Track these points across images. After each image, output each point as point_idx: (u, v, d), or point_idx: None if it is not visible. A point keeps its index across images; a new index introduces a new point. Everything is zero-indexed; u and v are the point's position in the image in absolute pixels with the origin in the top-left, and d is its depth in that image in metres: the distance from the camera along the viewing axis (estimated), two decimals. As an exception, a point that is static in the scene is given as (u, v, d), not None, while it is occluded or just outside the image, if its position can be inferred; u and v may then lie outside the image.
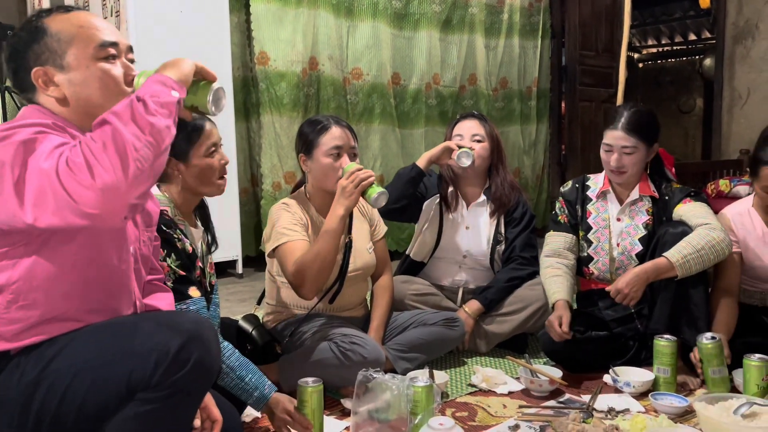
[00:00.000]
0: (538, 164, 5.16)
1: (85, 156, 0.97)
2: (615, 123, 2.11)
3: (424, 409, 1.53)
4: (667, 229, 2.03)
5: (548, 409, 1.81)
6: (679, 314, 1.98)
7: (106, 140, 0.97)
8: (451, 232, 2.43)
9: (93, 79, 1.16)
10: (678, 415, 1.75)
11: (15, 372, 1.08)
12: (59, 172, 0.96)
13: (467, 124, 2.42)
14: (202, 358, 1.08)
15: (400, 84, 4.30)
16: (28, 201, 0.99)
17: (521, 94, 4.97)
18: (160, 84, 1.06)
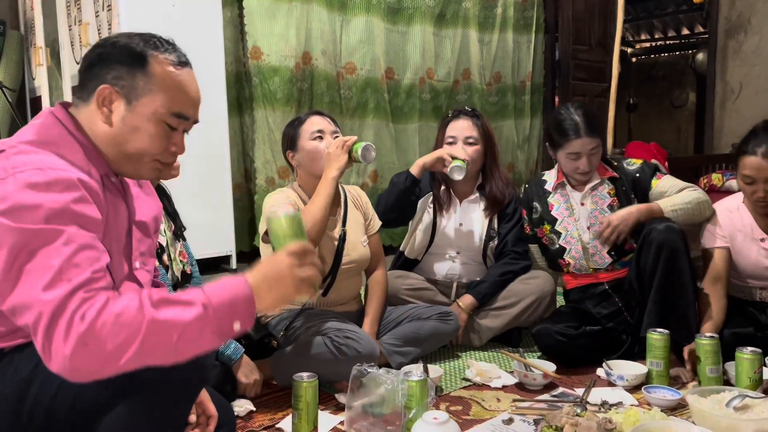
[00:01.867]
0: (532, 159, 5.17)
1: (99, 329, 0.91)
2: (576, 131, 2.14)
3: (418, 404, 1.53)
4: (653, 227, 2.03)
5: (542, 403, 1.82)
6: (669, 312, 2.00)
7: (132, 336, 0.92)
8: (445, 229, 2.43)
9: (143, 134, 1.14)
10: (671, 408, 1.76)
11: (8, 368, 1.07)
12: (59, 316, 0.91)
13: (460, 124, 2.37)
14: (191, 360, 1.06)
15: (394, 79, 4.29)
16: (11, 301, 0.95)
17: (515, 89, 4.97)
18: (236, 312, 0.99)
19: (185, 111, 1.16)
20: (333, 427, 1.68)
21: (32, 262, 0.96)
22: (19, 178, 0.99)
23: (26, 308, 0.95)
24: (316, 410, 1.57)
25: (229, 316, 0.99)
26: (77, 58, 3.79)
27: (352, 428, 1.62)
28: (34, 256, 0.96)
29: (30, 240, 0.96)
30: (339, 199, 2.11)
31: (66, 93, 4.05)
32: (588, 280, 2.25)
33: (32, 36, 4.53)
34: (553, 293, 2.34)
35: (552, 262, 2.33)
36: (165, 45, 1.16)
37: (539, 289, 2.30)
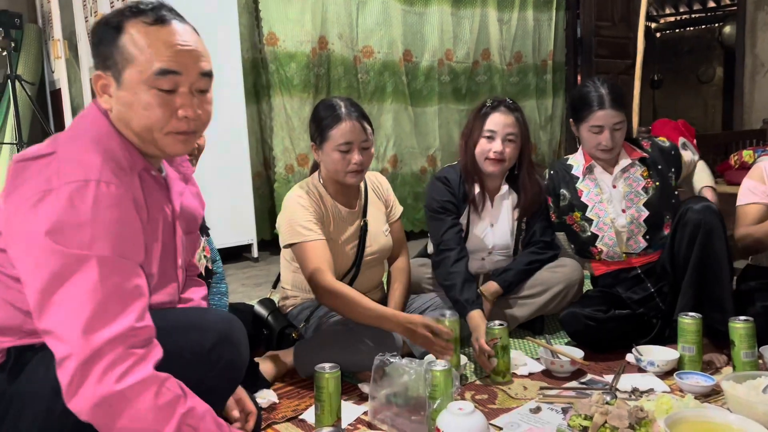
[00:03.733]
0: (555, 140, 5.08)
1: (126, 400, 0.93)
2: (601, 102, 2.07)
3: (443, 393, 1.50)
4: (690, 206, 1.96)
5: (570, 391, 1.77)
6: (704, 295, 1.93)
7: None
8: (477, 231, 2.32)
9: (138, 106, 1.07)
10: (704, 395, 1.71)
11: (41, 366, 1.05)
12: (93, 364, 0.93)
13: (501, 119, 2.17)
14: (232, 360, 1.08)
15: (412, 61, 4.22)
16: (43, 324, 0.96)
17: (536, 68, 4.87)
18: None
19: (169, 65, 1.06)
20: (356, 417, 1.66)
21: (72, 290, 0.94)
22: (64, 192, 0.97)
23: (58, 340, 0.95)
24: (339, 401, 1.55)
25: None
26: (94, 49, 3.79)
27: (376, 418, 1.60)
28: (75, 285, 0.94)
29: (72, 266, 0.95)
30: (359, 190, 2.07)
31: (85, 85, 4.06)
32: (619, 266, 2.18)
33: (50, 29, 4.54)
34: (581, 281, 2.28)
35: (582, 249, 2.25)
36: (142, 7, 1.08)
37: (567, 277, 2.24)
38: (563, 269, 2.25)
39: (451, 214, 2.22)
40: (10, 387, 1.06)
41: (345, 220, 1.99)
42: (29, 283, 0.97)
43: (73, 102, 4.31)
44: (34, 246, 0.96)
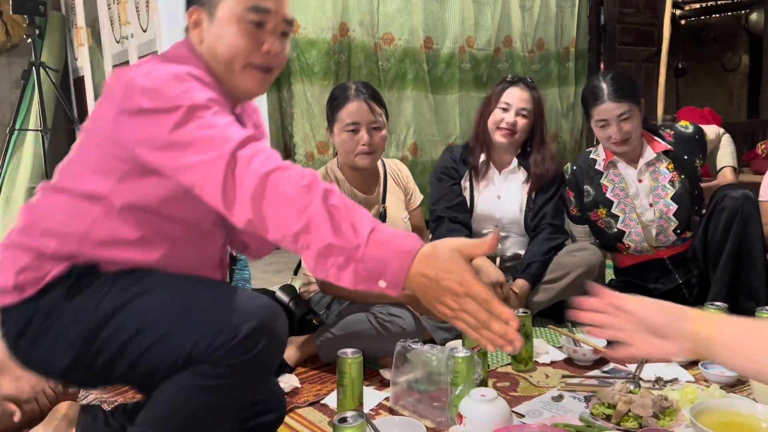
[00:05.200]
0: (577, 128, 5.02)
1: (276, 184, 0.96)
2: (600, 97, 2.05)
3: (464, 380, 1.50)
4: (727, 193, 1.93)
5: (593, 379, 1.76)
6: (737, 283, 1.90)
7: (297, 212, 0.94)
8: (483, 203, 2.36)
9: (227, 37, 1.16)
10: (730, 384, 1.69)
11: (98, 294, 1.09)
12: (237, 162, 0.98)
13: (518, 93, 2.26)
14: (267, 349, 1.06)
15: (433, 48, 4.19)
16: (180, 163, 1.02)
17: (558, 56, 4.80)
18: (385, 272, 0.91)
19: (261, 3, 1.16)
20: (378, 402, 1.66)
21: (191, 126, 1.02)
22: (165, 70, 1.07)
23: (196, 167, 1.00)
24: (361, 386, 1.55)
25: (377, 271, 0.92)
26: (117, 36, 3.81)
27: (398, 404, 1.61)
28: (193, 124, 1.02)
29: (188, 114, 1.02)
30: (378, 176, 2.07)
31: (108, 72, 4.09)
32: (646, 258, 2.15)
33: (73, 16, 4.58)
34: (602, 265, 2.26)
35: (608, 245, 2.23)
36: None
37: (587, 261, 2.22)
38: (583, 253, 2.23)
39: (452, 179, 2.33)
40: (63, 303, 1.10)
41: (362, 205, 1.98)
42: (148, 141, 1.04)
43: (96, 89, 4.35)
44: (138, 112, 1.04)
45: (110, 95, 1.10)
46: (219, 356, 1.03)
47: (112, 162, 1.10)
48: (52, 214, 1.14)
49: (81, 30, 4.39)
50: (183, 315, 1.06)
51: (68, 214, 1.13)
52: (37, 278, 1.11)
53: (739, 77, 8.08)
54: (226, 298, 1.09)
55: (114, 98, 1.08)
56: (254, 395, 1.17)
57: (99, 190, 1.11)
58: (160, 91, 1.04)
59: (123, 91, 1.06)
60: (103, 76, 4.17)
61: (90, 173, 1.12)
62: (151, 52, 3.30)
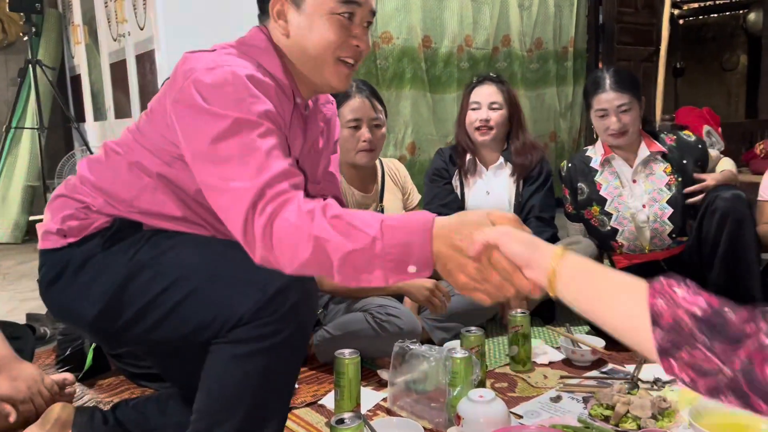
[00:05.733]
0: (575, 127, 5.01)
1: (277, 231, 0.95)
2: (601, 86, 2.08)
3: (462, 381, 1.49)
4: (718, 194, 1.93)
5: (591, 380, 1.76)
6: (733, 285, 1.90)
7: (296, 247, 0.93)
8: (474, 200, 2.38)
9: (318, 31, 1.14)
10: (728, 385, 1.68)
11: (135, 246, 1.11)
12: (254, 209, 0.96)
13: (484, 90, 2.35)
14: (298, 304, 1.05)
15: (431, 47, 4.18)
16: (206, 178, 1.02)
17: (557, 55, 4.80)
18: (410, 256, 0.90)
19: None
20: (376, 403, 1.65)
21: (231, 144, 0.99)
22: (227, 70, 1.04)
23: (223, 189, 0.99)
24: (359, 387, 1.55)
25: (403, 254, 0.91)
26: (114, 34, 3.80)
27: (396, 405, 1.60)
28: (234, 141, 1.00)
29: (233, 127, 1.00)
30: (375, 174, 2.06)
31: (104, 70, 4.08)
32: (642, 259, 2.15)
33: (70, 14, 4.56)
34: (597, 257, 2.25)
35: (603, 243, 2.23)
36: None
37: (582, 253, 2.22)
38: (577, 246, 2.24)
39: (444, 179, 2.38)
40: (100, 252, 1.12)
41: (359, 203, 1.98)
42: (190, 141, 1.03)
43: (93, 87, 4.33)
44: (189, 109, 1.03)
45: (173, 80, 1.10)
46: (250, 317, 1.03)
47: (163, 144, 1.12)
48: (105, 173, 1.17)
49: (78, 28, 4.38)
50: (215, 273, 1.07)
51: (120, 177, 1.15)
52: (81, 227, 1.14)
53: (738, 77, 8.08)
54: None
55: (174, 85, 1.09)
56: (300, 354, 1.15)
57: (149, 166, 1.14)
58: (215, 92, 1.02)
59: (183, 79, 1.06)
60: (99, 75, 4.15)
61: (144, 149, 1.15)
62: (148, 51, 3.29)
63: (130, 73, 3.56)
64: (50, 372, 1.76)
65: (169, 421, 1.35)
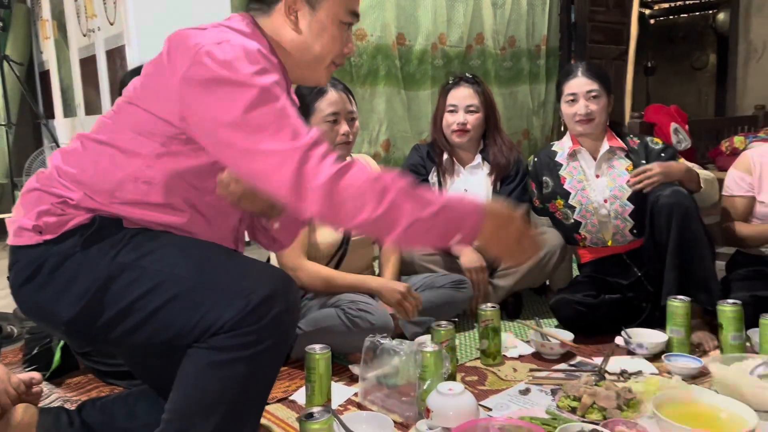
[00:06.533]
0: (548, 125, 5.06)
1: (345, 183, 1.03)
2: (575, 72, 2.16)
3: (433, 374, 1.50)
4: (660, 194, 1.97)
5: (559, 373, 1.78)
6: (688, 277, 1.94)
7: (371, 205, 1.03)
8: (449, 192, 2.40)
9: (327, 36, 1.23)
10: (692, 376, 1.72)
11: (116, 246, 1.08)
12: (307, 160, 1.02)
13: (461, 92, 2.38)
14: (280, 316, 1.06)
15: (405, 45, 4.19)
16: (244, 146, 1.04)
17: (530, 53, 4.84)
18: (462, 226, 1.09)
19: (357, 8, 1.27)
20: (347, 398, 1.66)
21: (265, 112, 1.04)
22: (237, 43, 1.08)
23: (266, 155, 1.03)
24: (330, 382, 1.55)
25: (455, 227, 1.09)
26: (84, 30, 3.74)
27: (367, 399, 1.61)
28: (266, 108, 1.04)
29: (262, 96, 1.04)
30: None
31: (74, 66, 4.02)
32: (604, 253, 2.19)
33: (39, 9, 4.49)
34: (563, 247, 2.29)
35: (567, 236, 2.27)
36: None
37: (548, 244, 2.27)
38: (544, 237, 2.28)
39: (420, 176, 2.40)
40: (79, 252, 1.09)
41: None
42: (215, 118, 1.05)
43: (62, 83, 4.27)
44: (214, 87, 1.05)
45: (172, 60, 1.09)
46: (232, 325, 1.02)
47: (159, 126, 1.10)
48: (84, 164, 1.14)
49: (47, 23, 4.30)
50: (198, 279, 1.06)
51: (101, 167, 1.13)
52: (59, 223, 1.10)
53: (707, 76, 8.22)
54: (240, 266, 1.10)
55: (177, 63, 1.07)
56: (280, 362, 1.16)
57: (138, 150, 1.11)
58: (234, 64, 1.04)
59: (191, 57, 1.06)
60: (69, 71, 4.09)
61: (132, 133, 1.13)
62: (118, 46, 3.25)
63: (100, 68, 3.51)
64: (17, 371, 1.73)
65: (137, 424, 1.34)
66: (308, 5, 1.22)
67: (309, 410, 1.24)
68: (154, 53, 1.17)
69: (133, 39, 3.03)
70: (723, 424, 1.35)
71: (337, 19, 1.23)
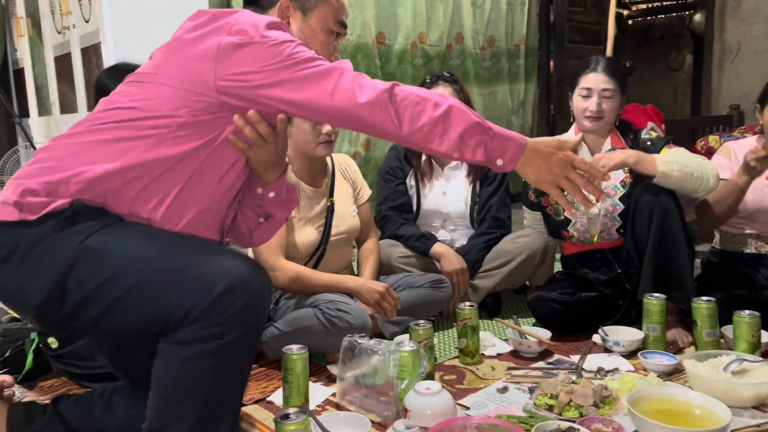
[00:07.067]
0: (527, 125, 5.09)
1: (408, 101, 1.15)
2: (594, 66, 2.10)
3: (410, 374, 1.50)
4: (643, 192, 1.98)
5: (537, 371, 1.79)
6: (664, 274, 1.95)
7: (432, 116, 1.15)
8: (431, 200, 2.42)
9: (317, 41, 1.32)
10: (667, 373, 1.74)
11: (86, 231, 1.08)
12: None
13: (442, 92, 2.32)
14: (248, 305, 1.04)
15: (385, 44, 4.19)
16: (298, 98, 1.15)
17: (509, 53, 4.87)
18: (505, 150, 1.18)
19: (345, 18, 1.36)
20: (325, 398, 1.65)
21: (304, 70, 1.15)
22: (267, 17, 1.19)
23: (321, 77, 1.15)
24: (307, 382, 1.54)
25: (499, 149, 1.18)
26: (58, 27, 3.68)
27: (345, 399, 1.60)
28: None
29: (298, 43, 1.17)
30: (326, 169, 2.06)
31: (49, 64, 3.96)
32: (588, 248, 2.20)
33: (13, 6, 4.41)
34: (544, 250, 2.31)
35: (554, 231, 2.27)
36: None
37: (529, 247, 2.28)
38: (525, 239, 2.30)
39: (397, 179, 2.40)
40: (52, 235, 1.08)
41: (310, 198, 1.98)
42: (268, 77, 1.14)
43: (37, 80, 4.20)
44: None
45: (200, 36, 1.16)
46: (196, 316, 1.01)
47: (189, 97, 1.15)
48: (75, 153, 1.15)
49: (21, 20, 4.23)
50: (163, 266, 1.06)
51: (95, 155, 1.13)
52: (40, 205, 1.10)
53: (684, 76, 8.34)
54: (207, 255, 1.09)
55: (211, 36, 1.15)
56: (252, 353, 1.15)
57: (164, 122, 1.15)
58: (274, 31, 1.16)
59: (225, 29, 1.14)
60: (44, 68, 4.03)
61: (157, 106, 1.15)
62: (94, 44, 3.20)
63: (76, 66, 3.46)
64: (-12, 374, 1.70)
65: (115, 418, 1.32)
66: (300, 11, 1.32)
67: (285, 411, 1.24)
68: (130, 51, 1.17)
69: (109, 37, 2.98)
70: (697, 420, 1.36)
71: (326, 26, 1.33)
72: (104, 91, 1.76)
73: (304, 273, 1.92)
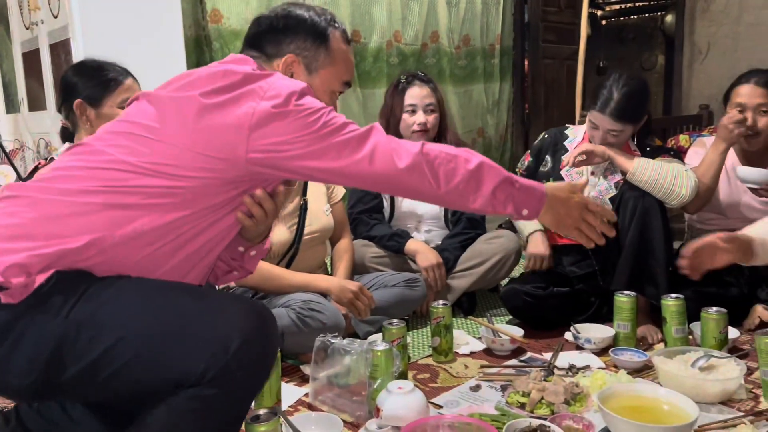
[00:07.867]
0: (502, 124, 5.12)
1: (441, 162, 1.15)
2: (603, 106, 2.00)
3: (383, 373, 1.50)
4: (626, 190, 2.01)
5: (510, 369, 1.80)
6: (639, 272, 1.98)
7: (459, 168, 1.15)
8: (406, 201, 2.41)
9: (322, 97, 1.25)
10: (637, 370, 1.76)
11: (68, 303, 0.99)
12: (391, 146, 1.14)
13: (418, 92, 2.32)
14: (261, 356, 1.03)
15: (361, 42, 4.18)
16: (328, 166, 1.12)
17: (484, 52, 4.89)
18: (529, 200, 1.21)
19: (350, 79, 1.35)
20: (298, 399, 1.64)
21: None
22: (296, 82, 1.16)
23: (353, 149, 1.12)
24: (279, 383, 1.53)
25: (525, 200, 1.21)
26: (26, 22, 3.61)
27: (317, 400, 1.59)
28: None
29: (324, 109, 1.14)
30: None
31: (17, 60, 3.88)
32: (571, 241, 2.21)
33: (-22, 0, 4.30)
34: (518, 251, 2.33)
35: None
36: (336, 22, 1.33)
37: (503, 248, 2.30)
38: (499, 240, 2.31)
39: None
40: (30, 312, 0.98)
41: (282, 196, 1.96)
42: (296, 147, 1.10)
43: (5, 77, 4.11)
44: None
45: (231, 98, 1.09)
46: (214, 375, 0.97)
47: (212, 164, 1.08)
48: (50, 213, 1.04)
49: (-13, 15, 4.14)
50: (164, 329, 0.99)
51: (81, 219, 1.04)
52: (24, 286, 0.98)
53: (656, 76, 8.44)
54: (210, 308, 1.03)
55: (246, 101, 1.09)
56: (255, 395, 1.13)
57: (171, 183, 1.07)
58: (292, 98, 1.11)
59: (263, 92, 1.09)
60: (11, 65, 3.94)
61: (173, 170, 1.07)
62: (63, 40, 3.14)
63: (44, 63, 3.39)
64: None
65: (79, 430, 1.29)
66: (305, 69, 1.28)
67: (255, 412, 1.22)
68: (100, 48, 1.11)
69: (78, 33, 2.92)
70: (665, 417, 1.38)
71: (330, 88, 1.31)
72: (70, 89, 1.73)
73: (276, 272, 1.90)
